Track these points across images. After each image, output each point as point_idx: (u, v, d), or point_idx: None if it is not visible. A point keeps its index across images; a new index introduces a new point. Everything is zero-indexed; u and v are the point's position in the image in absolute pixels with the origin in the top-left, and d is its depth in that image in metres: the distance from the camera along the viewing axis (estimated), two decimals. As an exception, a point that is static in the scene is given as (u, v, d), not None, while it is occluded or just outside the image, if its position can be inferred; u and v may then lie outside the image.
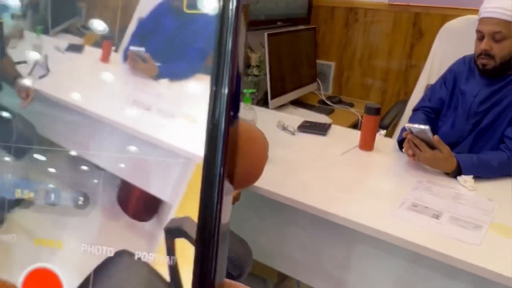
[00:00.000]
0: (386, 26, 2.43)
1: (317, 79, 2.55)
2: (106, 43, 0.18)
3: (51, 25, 0.18)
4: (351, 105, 2.36)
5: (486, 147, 1.37)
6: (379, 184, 1.23)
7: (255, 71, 2.18)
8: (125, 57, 0.17)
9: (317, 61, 2.59)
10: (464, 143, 1.46)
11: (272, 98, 2.06)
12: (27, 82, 0.18)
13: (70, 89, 0.18)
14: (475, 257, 0.91)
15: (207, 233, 0.16)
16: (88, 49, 0.18)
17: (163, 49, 0.17)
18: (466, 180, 1.22)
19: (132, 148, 0.17)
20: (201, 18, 0.17)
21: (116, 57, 0.18)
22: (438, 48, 1.94)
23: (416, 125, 1.23)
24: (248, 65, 2.20)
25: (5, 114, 0.19)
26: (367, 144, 1.45)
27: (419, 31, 2.33)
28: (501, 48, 1.27)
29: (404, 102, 2.09)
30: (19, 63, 0.19)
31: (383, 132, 1.88)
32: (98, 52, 0.18)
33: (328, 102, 2.37)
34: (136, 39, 0.17)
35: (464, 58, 1.52)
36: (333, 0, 2.58)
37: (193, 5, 0.17)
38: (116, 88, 0.18)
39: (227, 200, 0.17)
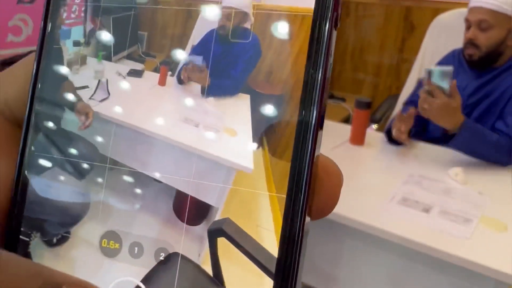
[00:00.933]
0: (378, 20, 2.42)
1: (309, 74, 2.54)
2: (163, 67, 0.20)
3: (113, 51, 0.20)
4: (343, 99, 2.36)
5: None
6: (369, 178, 1.23)
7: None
8: (180, 80, 0.19)
9: (309, 55, 2.58)
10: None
11: (264, 93, 2.06)
12: (87, 105, 0.20)
13: (130, 110, 0.20)
14: (464, 250, 0.91)
15: (287, 268, 0.17)
16: (147, 73, 0.20)
17: (211, 71, 0.19)
18: (457, 173, 1.22)
19: (187, 161, 0.20)
20: (242, 45, 0.19)
21: (171, 80, 0.20)
22: (430, 42, 1.94)
23: (439, 67, 1.21)
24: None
25: (67, 136, 0.20)
26: (357, 139, 1.45)
27: (411, 24, 2.33)
28: (487, 38, 1.27)
29: (396, 97, 2.09)
30: (81, 88, 0.20)
31: (374, 126, 1.88)
32: (156, 76, 0.20)
33: (320, 97, 2.36)
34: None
35: (453, 51, 1.52)
36: (324, -6, 2.57)
37: (236, 36, 0.20)
38: (171, 108, 0.20)
39: (307, 234, 0.18)
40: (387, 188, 1.16)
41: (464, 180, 1.20)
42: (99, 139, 0.20)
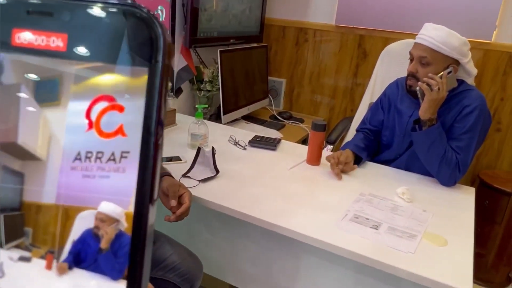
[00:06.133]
0: (334, 46, 2.55)
1: (269, 95, 2.62)
2: (49, 255, 0.25)
3: (4, 241, 0.26)
4: (301, 120, 2.45)
5: (420, 163, 1.47)
6: (324, 197, 1.29)
7: (208, 87, 2.20)
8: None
9: (269, 77, 2.66)
10: (400, 159, 1.56)
11: (225, 113, 2.10)
12: None
13: None
14: (409, 264, 0.98)
15: None
16: (35, 260, 0.26)
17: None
18: (404, 192, 1.31)
19: None
20: None
21: (55, 264, 0.26)
22: (380, 69, 2.07)
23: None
24: (201, 80, 2.22)
25: None
26: (314, 159, 1.51)
27: (364, 52, 2.47)
28: (425, 73, 1.39)
29: (350, 119, 2.20)
30: None
31: (330, 147, 1.96)
32: (43, 262, 0.25)
33: (279, 118, 2.44)
34: (71, 255, 0.25)
35: (396, 81, 1.63)
36: (284, 20, 2.67)
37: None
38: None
39: None
40: (341, 206, 1.23)
41: (410, 198, 1.29)
42: None
